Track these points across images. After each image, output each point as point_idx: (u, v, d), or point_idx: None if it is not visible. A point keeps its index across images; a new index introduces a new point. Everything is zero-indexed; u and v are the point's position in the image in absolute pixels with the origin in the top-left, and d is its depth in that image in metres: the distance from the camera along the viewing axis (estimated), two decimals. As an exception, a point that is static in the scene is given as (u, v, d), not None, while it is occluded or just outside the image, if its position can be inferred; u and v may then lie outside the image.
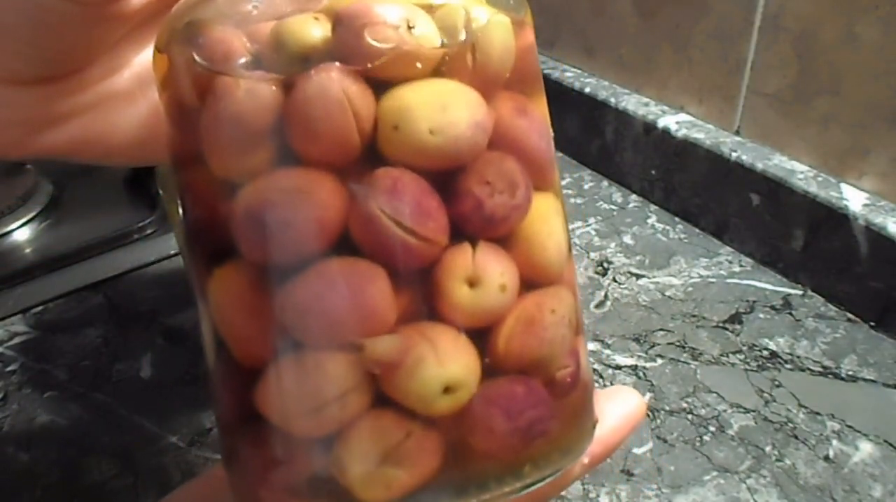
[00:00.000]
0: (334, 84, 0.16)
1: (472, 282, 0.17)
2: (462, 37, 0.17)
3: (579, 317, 0.20)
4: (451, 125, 0.17)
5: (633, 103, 0.54)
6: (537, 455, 0.18)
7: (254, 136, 0.16)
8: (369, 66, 0.16)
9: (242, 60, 0.17)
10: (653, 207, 0.55)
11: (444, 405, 0.17)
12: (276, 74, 0.16)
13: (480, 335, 0.17)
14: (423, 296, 0.17)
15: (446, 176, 0.17)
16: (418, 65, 0.17)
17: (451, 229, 0.17)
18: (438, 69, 0.17)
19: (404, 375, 0.16)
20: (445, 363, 0.17)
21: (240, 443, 0.19)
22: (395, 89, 0.16)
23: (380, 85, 0.16)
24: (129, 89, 0.21)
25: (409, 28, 0.16)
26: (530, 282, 0.18)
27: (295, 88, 0.16)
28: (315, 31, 0.16)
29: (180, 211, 0.19)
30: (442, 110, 0.17)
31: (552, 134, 0.20)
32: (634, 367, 0.41)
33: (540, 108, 0.20)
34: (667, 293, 0.46)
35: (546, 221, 0.19)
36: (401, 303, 0.17)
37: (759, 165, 0.46)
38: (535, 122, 0.19)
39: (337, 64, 0.16)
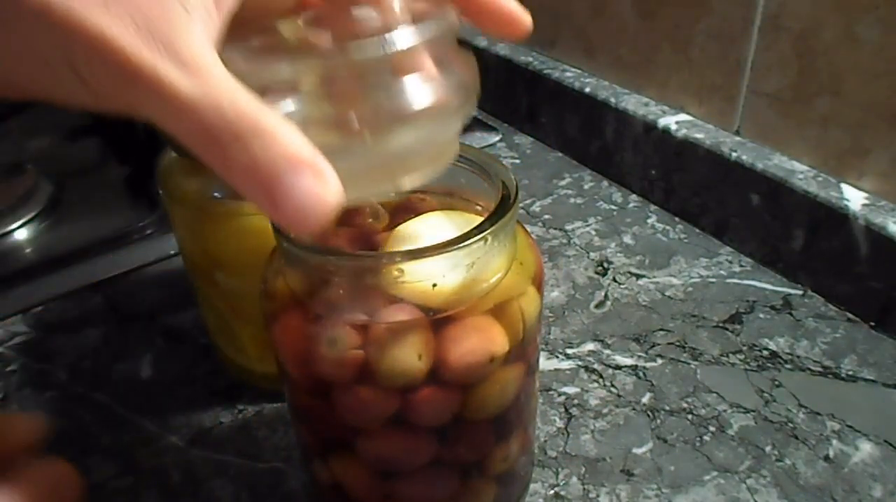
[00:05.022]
0: (439, 401, 0.25)
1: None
2: (520, 336, 0.26)
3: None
4: (506, 398, 0.27)
5: (633, 103, 0.54)
6: None
7: (381, 417, 0.25)
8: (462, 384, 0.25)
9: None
10: (653, 207, 0.55)
11: None
12: (394, 389, 0.25)
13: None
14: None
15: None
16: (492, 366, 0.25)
17: None
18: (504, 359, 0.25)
19: None
20: None
21: None
22: (476, 391, 0.25)
23: (466, 386, 0.25)
24: None
25: (492, 360, 0.25)
26: None
27: (412, 398, 0.25)
28: (414, 365, 0.24)
29: (290, 378, 0.28)
30: (503, 393, 0.26)
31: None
32: (634, 367, 0.41)
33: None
34: (667, 293, 0.46)
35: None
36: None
37: (759, 165, 0.46)
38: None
39: (436, 387, 0.24)
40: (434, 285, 0.24)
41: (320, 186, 0.18)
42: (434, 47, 0.20)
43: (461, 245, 0.23)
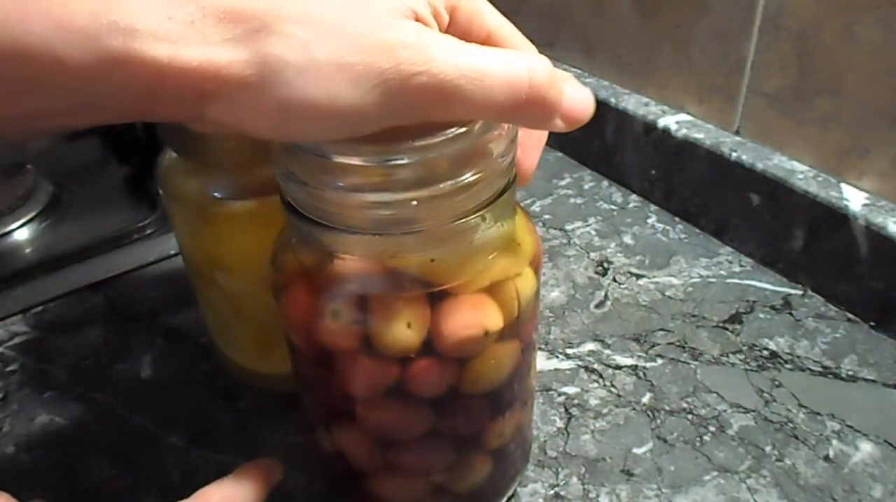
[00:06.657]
0: (435, 373, 0.26)
1: None
2: (515, 314, 0.26)
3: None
4: (500, 374, 0.27)
5: (633, 103, 0.54)
6: None
7: (380, 386, 0.26)
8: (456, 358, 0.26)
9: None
10: (653, 207, 0.55)
11: None
12: (392, 360, 0.25)
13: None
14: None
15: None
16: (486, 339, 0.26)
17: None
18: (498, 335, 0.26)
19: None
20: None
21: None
22: (470, 365, 0.26)
23: (461, 359, 0.26)
24: None
25: (486, 335, 0.25)
26: None
27: (409, 369, 0.25)
28: (409, 336, 0.25)
29: (295, 349, 0.28)
30: (498, 369, 0.27)
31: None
32: (634, 367, 0.41)
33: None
34: (667, 293, 0.46)
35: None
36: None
37: (759, 165, 0.46)
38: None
39: (433, 359, 0.25)
40: (432, 260, 0.24)
41: (581, 88, 0.23)
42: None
43: (459, 222, 0.23)
